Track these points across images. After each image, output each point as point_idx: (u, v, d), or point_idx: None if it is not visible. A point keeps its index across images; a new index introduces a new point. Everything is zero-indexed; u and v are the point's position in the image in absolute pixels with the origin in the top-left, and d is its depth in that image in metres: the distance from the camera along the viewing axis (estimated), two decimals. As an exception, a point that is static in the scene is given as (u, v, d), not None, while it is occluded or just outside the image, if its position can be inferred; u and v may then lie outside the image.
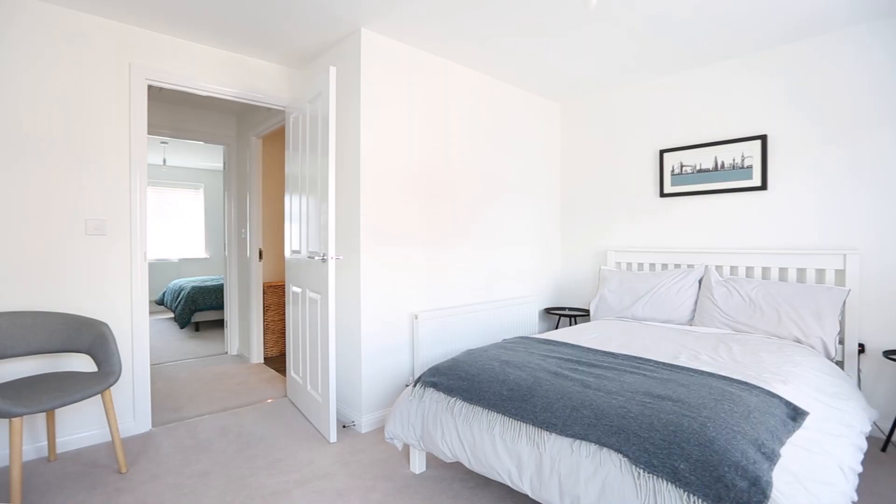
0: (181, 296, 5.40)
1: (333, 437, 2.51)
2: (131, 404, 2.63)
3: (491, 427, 1.75)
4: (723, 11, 2.45)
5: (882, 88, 2.55)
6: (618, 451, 1.42)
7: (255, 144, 4.09)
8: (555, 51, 2.95)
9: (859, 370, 2.62)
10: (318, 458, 2.33)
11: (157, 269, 7.00)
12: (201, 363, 4.08)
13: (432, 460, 2.27)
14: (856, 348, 2.57)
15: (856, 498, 1.46)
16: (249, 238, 4.12)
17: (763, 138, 2.94)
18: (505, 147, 3.58)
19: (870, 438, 2.52)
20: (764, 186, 2.95)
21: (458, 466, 2.22)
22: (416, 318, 2.87)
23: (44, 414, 2.37)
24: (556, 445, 1.55)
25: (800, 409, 1.62)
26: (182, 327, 5.32)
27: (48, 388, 1.99)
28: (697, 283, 3.04)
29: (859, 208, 2.63)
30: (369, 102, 2.70)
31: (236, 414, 2.90)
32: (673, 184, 3.36)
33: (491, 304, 3.36)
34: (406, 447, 2.42)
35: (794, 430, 1.51)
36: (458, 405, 1.89)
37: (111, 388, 2.51)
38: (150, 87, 3.51)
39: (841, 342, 2.61)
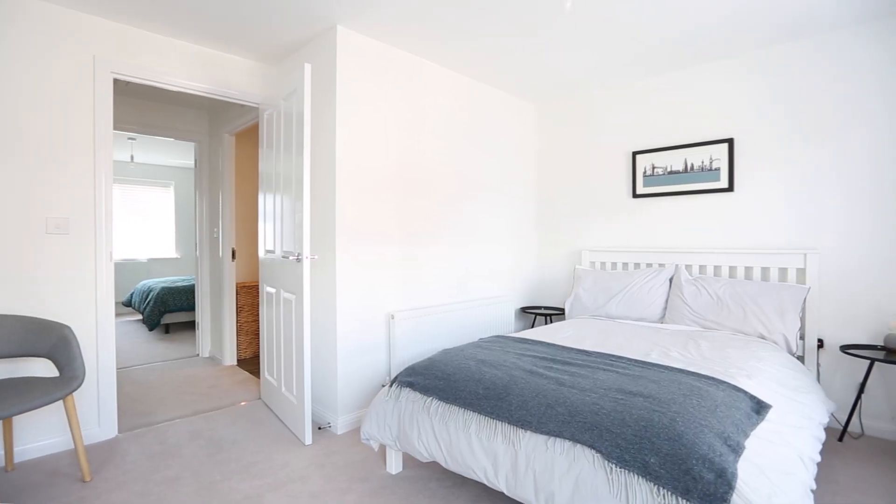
0: (150, 297, 5.23)
1: (308, 440, 2.48)
2: (96, 410, 2.54)
3: (467, 426, 1.76)
4: (692, 19, 2.52)
5: (840, 96, 2.67)
6: (591, 447, 1.44)
7: (227, 142, 3.99)
8: (531, 52, 2.98)
9: (818, 364, 2.73)
10: (292, 460, 2.29)
11: (125, 269, 6.77)
12: (171, 366, 3.97)
13: (409, 460, 2.27)
14: (815, 344, 2.69)
15: (814, 486, 1.53)
16: (222, 237, 4.02)
17: (730, 141, 3.04)
18: (481, 147, 3.60)
19: (828, 429, 2.64)
20: (731, 188, 3.05)
21: (434, 466, 2.22)
22: (393, 318, 2.86)
23: (0, 421, 2.26)
24: (531, 443, 1.57)
25: (763, 402, 1.68)
26: (151, 329, 5.16)
27: (5, 394, 1.90)
28: (668, 282, 3.13)
29: (819, 210, 2.75)
30: (345, 100, 2.67)
31: (208, 418, 2.83)
32: (645, 185, 3.44)
33: (467, 303, 3.38)
34: (382, 448, 2.40)
35: (758, 423, 1.57)
36: (435, 405, 1.89)
37: (74, 393, 2.42)
38: (116, 81, 3.38)
39: (802, 338, 2.72)
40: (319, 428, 2.70)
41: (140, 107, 3.96)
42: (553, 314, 3.74)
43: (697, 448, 1.32)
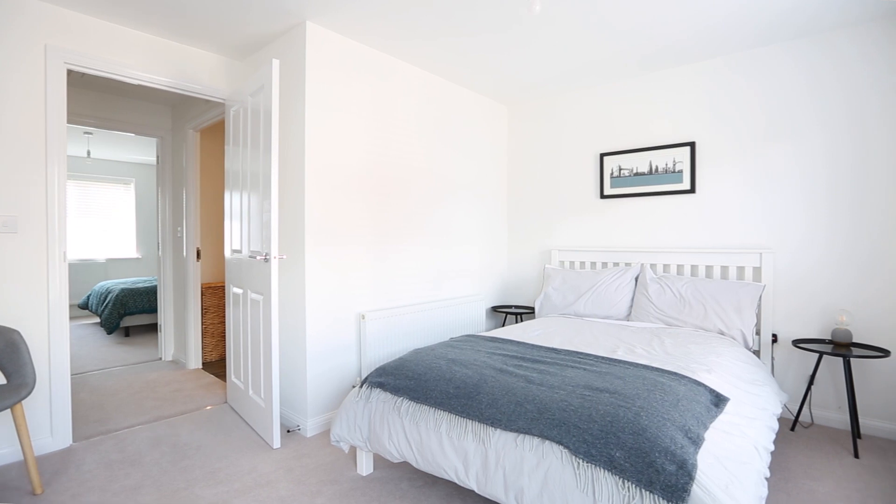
0: (108, 299, 5.01)
1: (277, 443, 2.43)
2: (48, 418, 2.41)
3: (438, 425, 1.76)
4: (655, 27, 2.60)
5: (791, 103, 2.81)
6: (559, 443, 1.47)
7: (191, 138, 3.86)
8: (500, 53, 3.01)
9: (773, 358, 2.87)
10: (260, 465, 2.24)
11: (81, 270, 6.45)
12: (132, 371, 3.81)
13: (379, 461, 2.26)
14: (770, 338, 2.82)
15: (768, 474, 1.60)
16: (186, 237, 3.89)
17: (692, 145, 3.15)
18: (454, 147, 3.61)
19: (781, 419, 2.78)
20: (693, 190, 3.16)
21: (405, 466, 2.22)
22: (364, 318, 2.83)
23: (-59, 433, 2.12)
24: (501, 440, 1.59)
25: (722, 395, 1.76)
26: (110, 333, 4.94)
27: (-54, 403, 1.78)
28: (634, 281, 3.22)
29: (772, 212, 2.89)
30: (314, 98, 2.63)
31: (171, 423, 2.74)
32: (612, 186, 3.53)
33: (439, 302, 3.38)
34: (353, 449, 2.38)
35: (716, 416, 1.63)
36: (405, 405, 1.89)
37: (23, 401, 2.29)
38: (70, 71, 3.23)
39: (758, 333, 2.86)
40: (288, 431, 2.65)
41: (97, 100, 3.79)
42: (523, 313, 3.79)
43: (660, 441, 1.36)
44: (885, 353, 2.35)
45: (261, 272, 2.51)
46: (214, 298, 4.08)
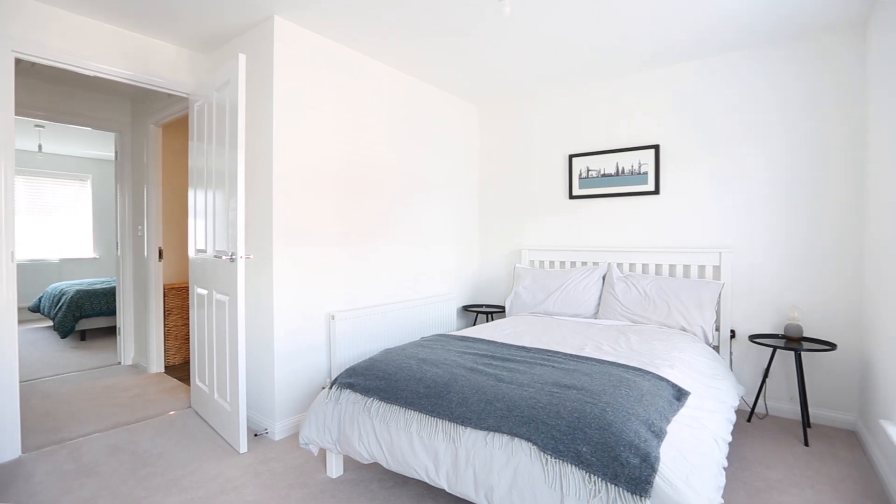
0: (62, 301, 4.76)
1: (244, 448, 2.37)
2: (-5, 428, 2.27)
3: (408, 425, 1.76)
4: (618, 33, 2.67)
5: (746, 108, 2.94)
6: (528, 439, 1.49)
7: (153, 133, 3.72)
8: (469, 53, 3.03)
9: (731, 353, 3.00)
10: (226, 470, 2.18)
11: (31, 270, 6.12)
12: (88, 376, 3.64)
13: (350, 463, 2.23)
14: (728, 334, 2.94)
15: (726, 464, 1.67)
16: (147, 236, 3.74)
17: (656, 148, 3.25)
18: (425, 146, 3.61)
19: (738, 411, 2.91)
20: (657, 191, 3.27)
21: (375, 467, 2.20)
22: (333, 319, 2.80)
23: None
24: (471, 439, 1.60)
25: (683, 390, 1.82)
26: (64, 337, 4.70)
27: None
28: (602, 280, 3.30)
29: (730, 213, 3.01)
30: (283, 94, 2.58)
31: (130, 430, 2.63)
32: (581, 187, 3.61)
33: (410, 302, 3.37)
34: (322, 452, 2.34)
35: (678, 410, 1.69)
36: (376, 405, 1.88)
37: (-33, 410, 2.16)
38: (19, 61, 3.05)
39: (717, 329, 2.98)
40: (256, 435, 2.59)
41: (50, 91, 3.60)
42: (494, 312, 3.83)
43: (625, 435, 1.40)
44: (832, 346, 2.50)
45: (227, 272, 2.44)
46: (178, 300, 3.94)
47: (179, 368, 3.84)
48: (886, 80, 2.18)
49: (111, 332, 5.27)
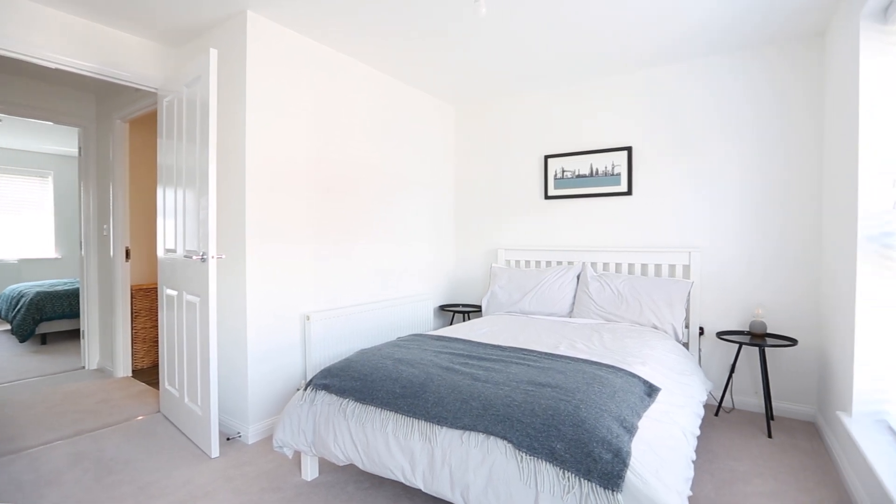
0: (21, 303, 4.55)
1: (216, 452, 2.31)
2: (-53, 437, 2.16)
3: (384, 426, 1.75)
4: (588, 37, 2.72)
5: (717, 112, 3.04)
6: (503, 437, 1.51)
7: (120, 129, 3.59)
8: (448, 53, 3.04)
9: (700, 349, 3.09)
10: (196, 476, 2.13)
11: (-12, 271, 5.82)
12: (49, 382, 3.49)
13: (325, 465, 2.21)
14: (697, 331, 3.04)
15: (694, 457, 1.73)
16: (114, 235, 3.61)
17: (629, 149, 3.33)
18: (401, 146, 3.59)
19: (706, 406, 3.00)
20: (629, 192, 3.34)
21: (351, 469, 2.18)
22: (309, 319, 2.76)
23: None
24: (447, 438, 1.60)
25: (654, 385, 1.87)
26: (23, 341, 4.49)
27: None
28: (576, 279, 3.35)
29: (700, 212, 3.11)
30: (257, 91, 2.53)
31: (95, 437, 2.53)
32: (556, 187, 3.66)
33: (387, 302, 3.36)
34: (297, 455, 2.31)
35: (649, 405, 1.74)
36: (351, 406, 1.86)
37: (-84, 419, 2.04)
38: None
39: (687, 326, 3.06)
40: (228, 439, 2.54)
41: (7, 83, 3.43)
42: (471, 311, 3.85)
43: (598, 432, 1.43)
44: (793, 341, 2.60)
45: (197, 272, 2.38)
46: (146, 301, 3.82)
47: (148, 372, 3.72)
48: (837, 87, 2.29)
49: (74, 335, 5.06)
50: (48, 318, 4.56)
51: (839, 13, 2.34)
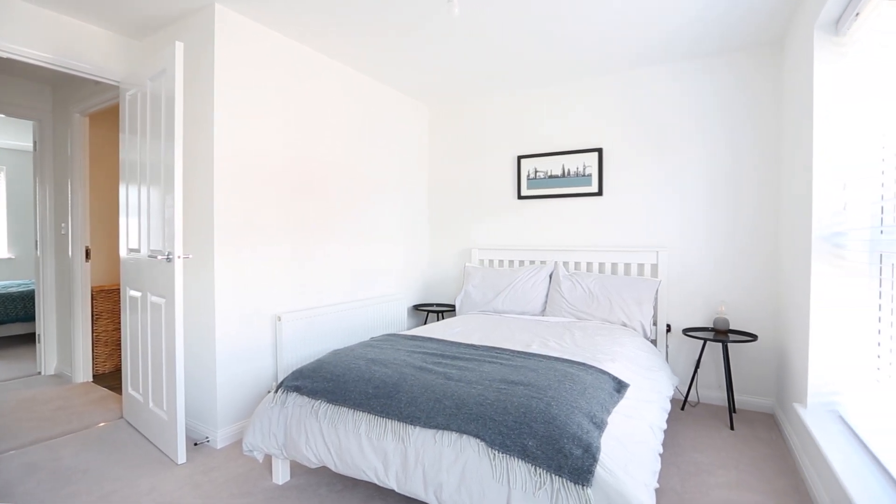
0: (-30, 306, 4.30)
1: (182, 458, 2.24)
2: None
3: (357, 427, 1.74)
4: (562, 40, 2.77)
5: (688, 114, 3.14)
6: (476, 436, 1.52)
7: (79, 123, 3.44)
8: (422, 52, 3.03)
9: (667, 346, 3.19)
10: (161, 483, 2.06)
11: (-67, 272, 5.47)
12: (2, 388, 3.31)
13: (296, 468, 2.17)
14: (665, 328, 3.13)
15: (661, 450, 1.78)
16: (72, 234, 3.45)
17: (599, 151, 3.40)
18: (374, 145, 3.57)
19: (673, 400, 3.10)
20: (600, 192, 3.41)
21: (323, 472, 2.16)
22: (280, 320, 2.71)
23: None
24: (420, 438, 1.60)
25: (623, 382, 1.92)
26: (-28, 345, 4.25)
27: None
28: (549, 278, 3.40)
29: (669, 213, 3.20)
30: (225, 86, 2.46)
31: (51, 446, 2.42)
32: (529, 187, 3.70)
33: (360, 302, 3.33)
34: (268, 458, 2.27)
35: (618, 401, 1.78)
36: (323, 407, 1.84)
37: None
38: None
39: (655, 324, 3.15)
40: (196, 444, 2.46)
41: (-47, 73, 3.24)
42: (445, 311, 3.85)
43: (568, 428, 1.46)
44: (753, 337, 2.71)
45: (163, 273, 2.30)
46: (108, 303, 3.67)
47: (110, 377, 3.58)
48: (794, 93, 2.40)
49: (29, 339, 4.82)
50: (1, 322, 4.33)
51: (795, 23, 2.45)
